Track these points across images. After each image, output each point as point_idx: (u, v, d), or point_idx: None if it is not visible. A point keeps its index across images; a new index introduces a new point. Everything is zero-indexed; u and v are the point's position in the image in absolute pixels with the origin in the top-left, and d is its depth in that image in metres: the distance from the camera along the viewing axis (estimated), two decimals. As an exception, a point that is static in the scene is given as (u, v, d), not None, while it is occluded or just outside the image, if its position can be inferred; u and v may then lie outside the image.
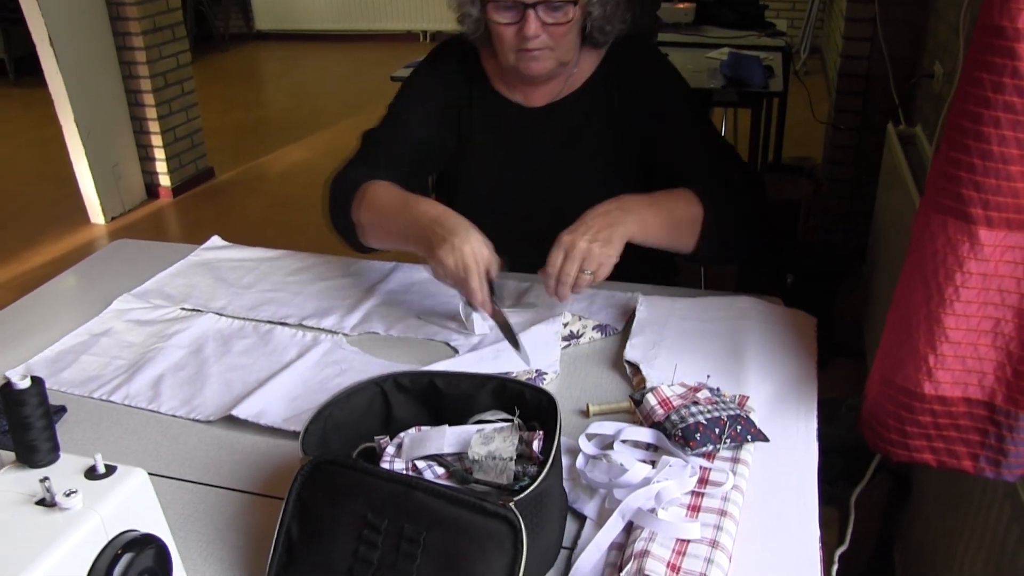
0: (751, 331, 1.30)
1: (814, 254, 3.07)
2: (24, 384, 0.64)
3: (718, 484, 0.99)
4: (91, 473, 0.65)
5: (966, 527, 1.46)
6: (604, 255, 1.29)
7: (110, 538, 0.63)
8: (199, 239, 1.76)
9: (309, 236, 4.21)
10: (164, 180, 4.71)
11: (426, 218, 1.35)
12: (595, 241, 1.29)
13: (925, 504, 1.81)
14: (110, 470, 0.65)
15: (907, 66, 3.06)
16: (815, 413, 1.16)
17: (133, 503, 0.65)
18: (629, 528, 0.94)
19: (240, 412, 1.19)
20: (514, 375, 1.25)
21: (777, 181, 3.37)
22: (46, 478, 0.61)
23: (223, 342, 1.39)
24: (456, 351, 1.34)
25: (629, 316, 1.39)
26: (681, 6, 3.55)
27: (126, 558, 0.62)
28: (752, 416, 1.10)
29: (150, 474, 1.08)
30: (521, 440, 0.94)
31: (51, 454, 0.66)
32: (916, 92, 2.90)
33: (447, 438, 0.97)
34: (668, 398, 1.06)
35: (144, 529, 0.66)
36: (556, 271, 1.29)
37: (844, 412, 2.18)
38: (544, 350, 1.31)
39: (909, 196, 2.10)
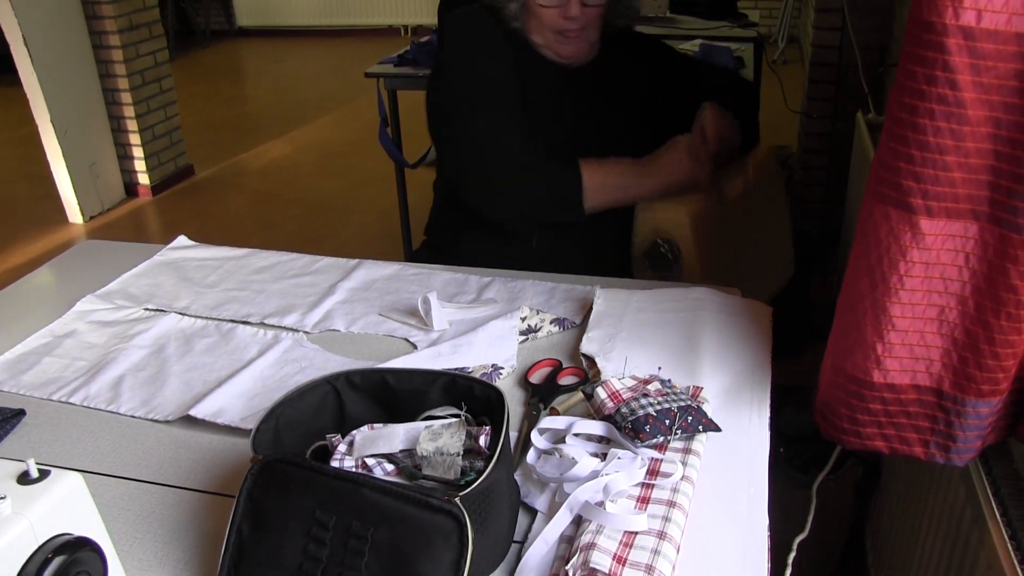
0: (706, 321, 1.31)
1: (788, 242, 3.08)
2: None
3: (668, 475, 1.00)
4: (23, 478, 0.65)
5: (927, 510, 1.47)
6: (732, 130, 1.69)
7: (40, 542, 0.63)
8: (177, 237, 1.77)
9: (288, 232, 4.21)
10: (143, 179, 4.70)
11: (653, 165, 1.67)
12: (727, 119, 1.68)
13: (892, 489, 1.83)
14: (43, 474, 0.66)
15: (877, 54, 3.07)
16: (768, 402, 1.18)
17: (67, 507, 0.65)
18: (580, 521, 0.95)
19: (198, 412, 1.19)
20: (470, 370, 1.26)
21: (750, 170, 3.38)
22: (-26, 485, 0.62)
23: (185, 342, 1.40)
24: (415, 347, 1.35)
25: (587, 309, 1.40)
26: (655, -3, 3.55)
27: (57, 561, 0.63)
28: (705, 407, 1.11)
29: (108, 476, 1.10)
30: (469, 435, 0.95)
31: (-16, 461, 0.67)
32: (885, 80, 2.91)
33: (399, 437, 0.98)
34: (618, 391, 1.07)
35: (79, 532, 0.66)
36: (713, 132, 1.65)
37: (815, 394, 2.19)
38: (501, 344, 1.32)
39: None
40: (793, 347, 2.79)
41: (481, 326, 1.36)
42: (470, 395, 1.01)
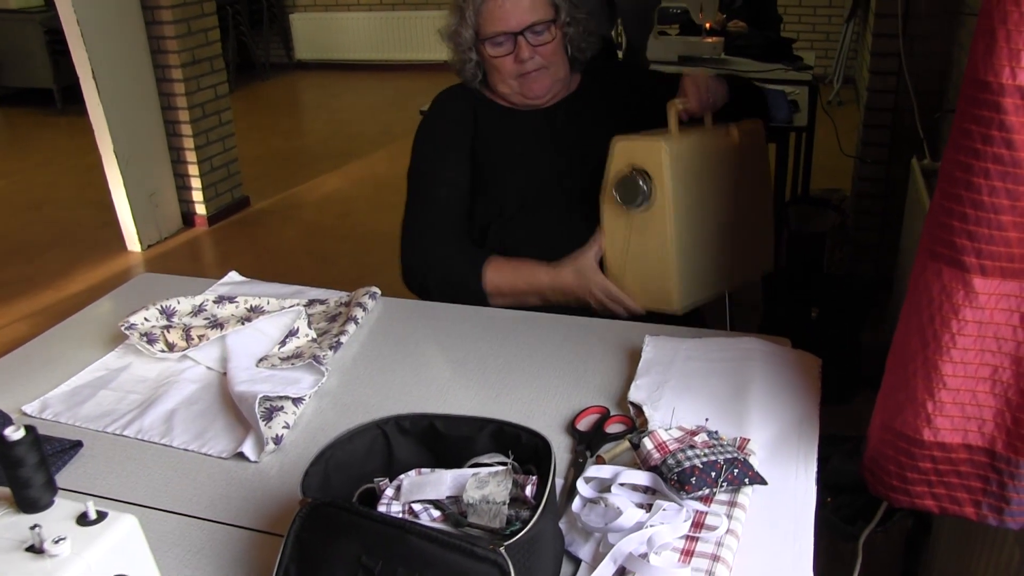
0: (755, 371, 1.31)
1: (840, 287, 3.06)
2: (17, 435, 0.67)
3: (713, 528, 1.00)
4: (82, 519, 0.67)
5: (979, 570, 1.44)
6: (719, 87, 1.72)
7: (97, 583, 0.65)
8: (232, 267, 1.83)
9: (342, 267, 4.26)
10: (200, 209, 4.80)
11: (549, 289, 1.72)
12: (711, 76, 1.72)
13: (943, 546, 1.79)
14: (101, 516, 0.68)
15: (933, 99, 3.05)
16: (815, 456, 1.17)
17: (123, 549, 0.67)
18: (623, 572, 0.95)
19: (248, 451, 1.22)
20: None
21: (803, 213, 3.36)
22: (36, 525, 0.64)
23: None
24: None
25: (633, 356, 1.40)
26: (710, 40, 3.56)
27: (113, 602, 0.65)
28: (752, 459, 1.11)
29: (160, 510, 1.13)
30: (515, 484, 0.96)
31: (46, 500, 0.69)
32: (941, 125, 2.89)
33: (446, 483, 0.99)
34: (664, 442, 1.07)
35: (134, 574, 0.68)
36: (695, 88, 1.67)
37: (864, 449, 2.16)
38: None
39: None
40: (841, 393, 2.77)
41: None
42: (517, 443, 1.02)
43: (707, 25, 3.65)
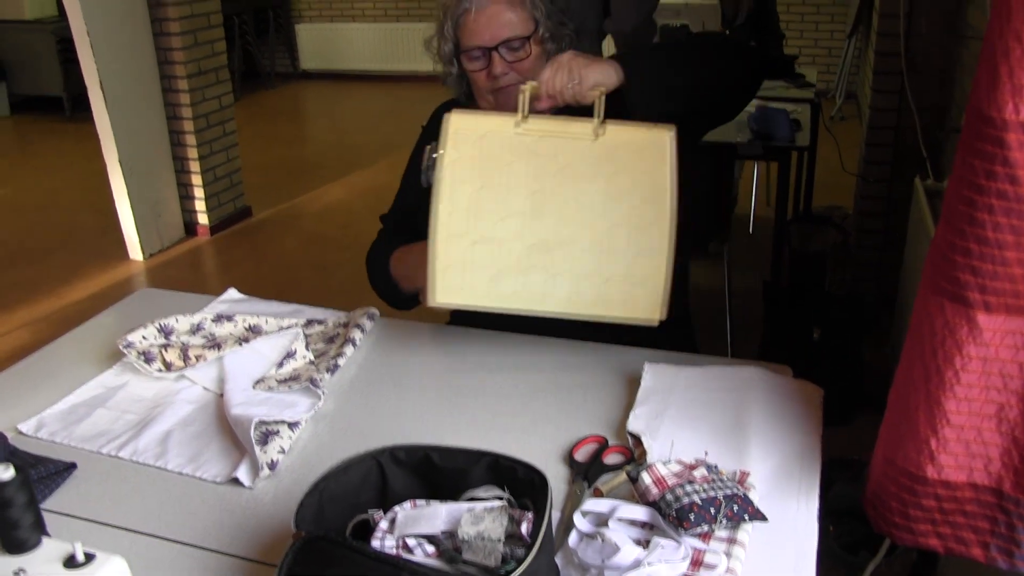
0: (755, 402, 1.29)
1: (842, 306, 3.04)
2: (6, 476, 0.65)
3: (712, 567, 0.98)
4: (70, 562, 0.66)
5: (982, 603, 1.42)
6: (589, 72, 1.49)
7: (83, 629, 0.64)
8: (233, 277, 1.81)
9: (341, 278, 4.25)
10: (202, 219, 4.80)
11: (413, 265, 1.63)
12: (577, 58, 1.51)
13: None
14: (89, 558, 0.66)
15: (937, 117, 3.04)
16: (817, 490, 1.15)
17: (110, 592, 0.66)
18: (620, 609, 0.94)
19: (243, 476, 1.21)
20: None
21: (804, 232, 3.35)
22: (21, 570, 0.62)
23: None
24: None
25: (630, 383, 1.39)
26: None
27: (98, 648, 0.63)
28: (751, 494, 1.09)
29: (152, 536, 1.11)
30: (511, 520, 0.95)
31: (33, 541, 0.67)
32: (945, 145, 2.87)
33: (441, 517, 0.97)
34: (663, 477, 1.06)
35: (120, 616, 0.67)
36: (549, 70, 1.50)
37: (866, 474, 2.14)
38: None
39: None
40: (843, 414, 2.75)
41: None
42: (513, 477, 1.00)
43: (711, 41, 3.64)
